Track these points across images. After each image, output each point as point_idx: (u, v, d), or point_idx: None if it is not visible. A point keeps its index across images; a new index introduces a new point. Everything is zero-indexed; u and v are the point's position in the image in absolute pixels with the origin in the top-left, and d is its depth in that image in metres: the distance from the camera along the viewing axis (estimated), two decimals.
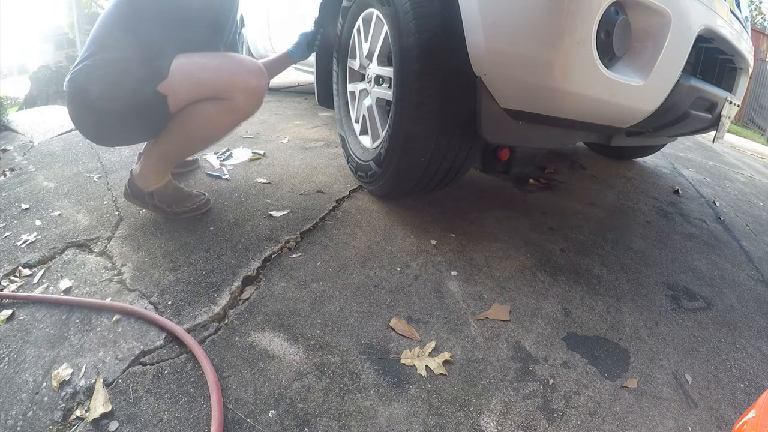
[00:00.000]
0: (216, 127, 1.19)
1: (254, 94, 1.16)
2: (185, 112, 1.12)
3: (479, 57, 0.97)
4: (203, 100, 1.12)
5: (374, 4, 1.27)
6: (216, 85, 1.11)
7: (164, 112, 1.10)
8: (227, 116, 1.16)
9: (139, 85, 1.06)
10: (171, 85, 1.07)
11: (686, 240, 1.52)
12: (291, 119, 2.51)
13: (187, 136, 1.17)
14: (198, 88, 1.10)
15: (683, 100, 1.00)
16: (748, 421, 0.53)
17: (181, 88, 1.08)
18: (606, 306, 1.09)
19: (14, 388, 0.76)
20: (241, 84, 1.12)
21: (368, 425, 0.73)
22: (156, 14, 1.09)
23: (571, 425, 0.77)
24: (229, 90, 1.12)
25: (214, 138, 1.24)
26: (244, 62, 1.15)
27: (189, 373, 0.79)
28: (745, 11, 1.45)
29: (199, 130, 1.17)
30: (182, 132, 1.16)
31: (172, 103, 1.09)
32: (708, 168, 2.66)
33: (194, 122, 1.14)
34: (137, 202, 1.25)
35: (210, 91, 1.11)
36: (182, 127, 1.15)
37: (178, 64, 1.07)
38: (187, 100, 1.11)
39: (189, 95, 1.10)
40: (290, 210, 1.35)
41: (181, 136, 1.17)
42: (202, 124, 1.15)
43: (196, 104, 1.12)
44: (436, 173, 1.23)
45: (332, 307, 0.98)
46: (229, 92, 1.12)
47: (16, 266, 1.08)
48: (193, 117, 1.13)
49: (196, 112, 1.12)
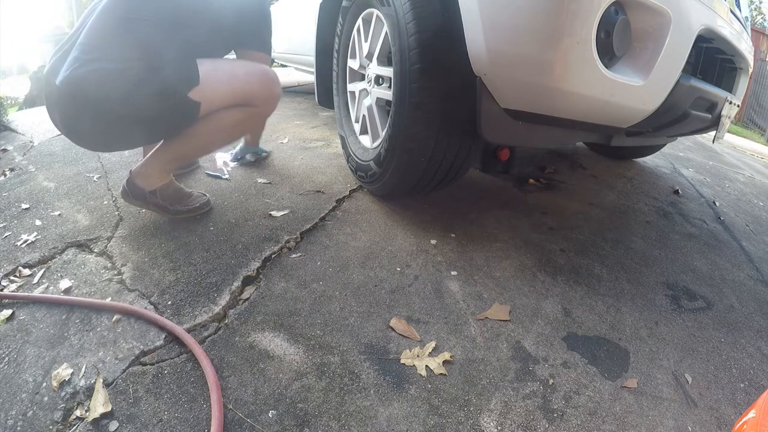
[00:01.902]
0: (240, 131, 1.27)
1: (276, 101, 1.26)
2: (212, 116, 1.14)
3: (479, 57, 0.97)
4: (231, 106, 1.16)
5: (374, 4, 1.27)
6: (247, 93, 1.17)
7: (195, 117, 1.11)
8: (252, 121, 1.24)
9: (169, 91, 1.03)
10: (204, 92, 1.08)
11: (686, 240, 1.52)
12: (291, 119, 2.51)
13: (209, 139, 1.21)
14: (232, 95, 1.14)
15: (683, 100, 1.00)
16: (748, 421, 0.53)
17: (215, 95, 1.11)
18: (606, 306, 1.09)
19: (14, 388, 0.76)
20: (268, 92, 1.21)
21: (368, 425, 0.73)
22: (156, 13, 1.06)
23: (571, 425, 0.77)
24: (259, 97, 1.19)
25: (232, 141, 1.29)
26: (267, 71, 1.22)
27: (189, 373, 0.79)
28: (745, 11, 1.45)
29: (222, 134, 1.22)
30: (205, 135, 1.18)
31: (205, 109, 1.11)
32: (708, 168, 2.66)
33: (219, 126, 1.17)
34: (137, 202, 1.23)
35: (241, 98, 1.16)
36: (206, 131, 1.16)
37: (207, 71, 1.09)
38: (219, 107, 1.14)
39: (222, 102, 1.14)
40: (290, 210, 1.35)
41: (203, 139, 1.19)
42: (226, 128, 1.19)
43: (224, 109, 1.15)
44: (436, 173, 1.23)
45: (332, 307, 0.98)
46: (258, 99, 1.19)
47: (16, 266, 1.08)
48: (220, 121, 1.16)
49: (222, 117, 1.15)
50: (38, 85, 4.91)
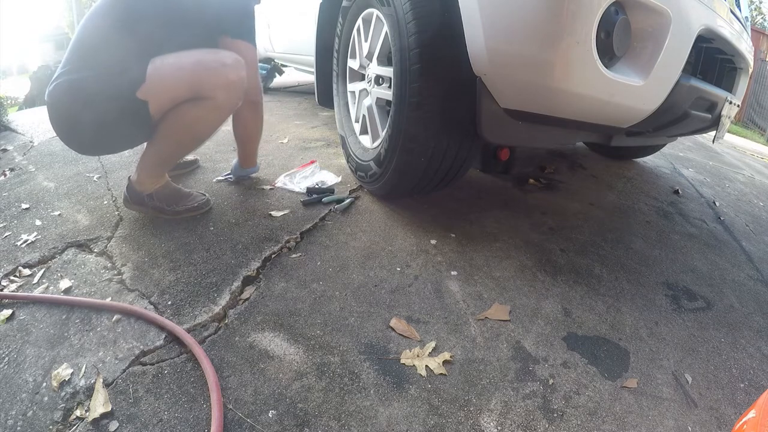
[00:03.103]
0: (203, 127, 1.18)
1: (234, 88, 1.13)
2: (170, 115, 1.11)
3: (479, 57, 0.97)
4: (186, 101, 1.10)
5: (374, 4, 1.27)
6: (195, 84, 1.08)
7: (146, 117, 1.09)
8: (211, 115, 1.14)
9: (119, 93, 1.05)
10: (150, 89, 1.05)
11: (686, 240, 1.52)
12: (291, 119, 2.51)
13: (175, 139, 1.17)
14: (177, 89, 1.08)
15: (683, 100, 1.00)
16: (748, 421, 0.53)
17: (162, 91, 1.07)
18: (606, 306, 1.09)
19: (14, 388, 0.76)
20: (219, 80, 1.09)
21: (368, 425, 0.73)
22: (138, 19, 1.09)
23: (571, 425, 0.77)
24: (209, 88, 1.09)
25: (204, 137, 1.23)
26: (220, 56, 1.11)
27: (189, 373, 0.79)
28: (745, 11, 1.45)
29: (186, 132, 1.16)
30: (170, 136, 1.16)
31: (154, 108, 1.08)
32: (708, 168, 2.66)
33: (180, 125, 1.13)
34: (137, 207, 1.27)
35: (190, 91, 1.09)
36: (170, 132, 1.14)
37: (155, 67, 1.06)
38: (169, 102, 1.09)
39: (169, 97, 1.08)
40: (290, 210, 1.35)
41: (170, 140, 1.17)
42: (188, 125, 1.14)
43: (180, 107, 1.10)
44: (436, 173, 1.23)
45: (332, 307, 0.98)
46: (209, 90, 1.09)
47: (16, 266, 1.08)
48: (178, 120, 1.12)
49: (180, 115, 1.11)
50: (38, 85, 4.91)
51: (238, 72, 1.12)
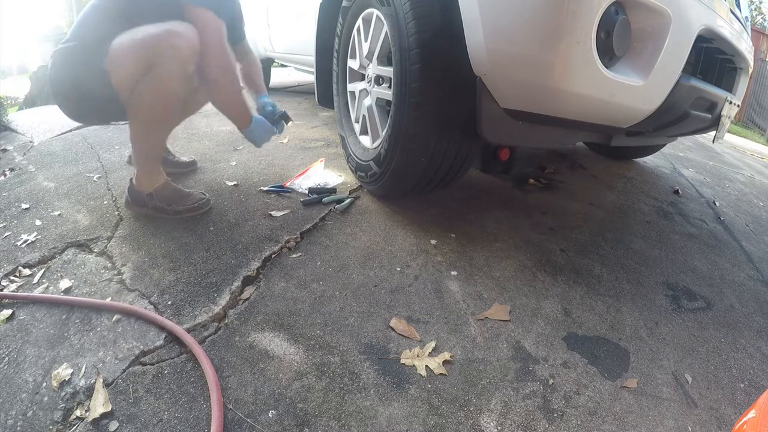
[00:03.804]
0: (162, 98, 1.14)
1: (180, 55, 1.09)
2: (134, 97, 1.13)
3: (479, 57, 0.97)
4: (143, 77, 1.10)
5: (374, 4, 1.27)
6: (145, 55, 1.07)
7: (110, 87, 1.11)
8: (164, 85, 1.11)
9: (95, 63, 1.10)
10: (111, 60, 1.09)
11: (686, 240, 1.52)
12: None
13: (143, 120, 1.18)
14: (136, 60, 1.08)
15: (683, 100, 1.00)
16: (748, 421, 0.53)
17: (120, 62, 1.09)
18: (606, 306, 1.09)
19: (14, 388, 0.76)
20: (166, 48, 1.07)
21: (368, 425, 0.73)
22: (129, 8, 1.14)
23: (571, 425, 0.77)
24: (158, 56, 1.07)
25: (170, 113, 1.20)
26: (169, 25, 1.09)
27: (189, 373, 0.79)
28: (745, 11, 1.45)
29: (150, 110, 1.15)
30: (137, 117, 1.18)
31: (115, 80, 1.10)
32: (708, 168, 2.66)
33: (142, 103, 1.14)
34: (138, 208, 1.28)
35: (143, 60, 1.08)
36: (136, 113, 1.17)
37: (117, 40, 1.09)
38: (127, 75, 1.10)
39: (129, 69, 1.09)
40: (290, 210, 1.35)
41: (140, 123, 1.19)
42: (149, 102, 1.13)
43: (138, 85, 1.11)
44: (436, 173, 1.23)
45: (332, 307, 0.98)
46: (158, 57, 1.07)
47: (16, 266, 1.08)
48: (140, 98, 1.13)
49: (139, 93, 1.12)
50: (38, 85, 4.90)
51: (186, 38, 1.09)
